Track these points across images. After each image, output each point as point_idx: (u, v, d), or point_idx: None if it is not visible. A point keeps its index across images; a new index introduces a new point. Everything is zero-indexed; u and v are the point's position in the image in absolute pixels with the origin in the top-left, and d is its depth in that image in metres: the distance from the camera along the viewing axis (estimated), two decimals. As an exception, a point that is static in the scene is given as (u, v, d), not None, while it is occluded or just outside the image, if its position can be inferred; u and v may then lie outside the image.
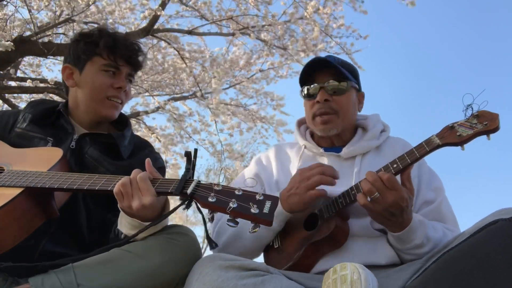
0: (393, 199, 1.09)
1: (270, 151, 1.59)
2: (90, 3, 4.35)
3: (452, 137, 1.12)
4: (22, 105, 5.76)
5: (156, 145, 6.25)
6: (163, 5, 4.72)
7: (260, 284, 0.92)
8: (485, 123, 1.09)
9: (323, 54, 5.47)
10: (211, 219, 0.97)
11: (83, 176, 1.10)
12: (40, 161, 1.18)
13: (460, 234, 1.04)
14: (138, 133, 6.38)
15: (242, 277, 0.92)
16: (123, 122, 1.52)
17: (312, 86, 1.44)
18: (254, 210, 0.89)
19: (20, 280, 1.06)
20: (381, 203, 1.10)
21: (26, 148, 1.29)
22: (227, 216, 1.34)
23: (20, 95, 5.76)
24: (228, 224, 0.91)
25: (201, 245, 1.13)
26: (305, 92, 1.47)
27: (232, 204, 0.90)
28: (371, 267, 1.18)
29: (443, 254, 0.97)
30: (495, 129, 1.09)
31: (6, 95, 5.19)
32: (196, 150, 1.06)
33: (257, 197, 0.93)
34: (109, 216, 1.31)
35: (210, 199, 0.93)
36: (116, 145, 1.37)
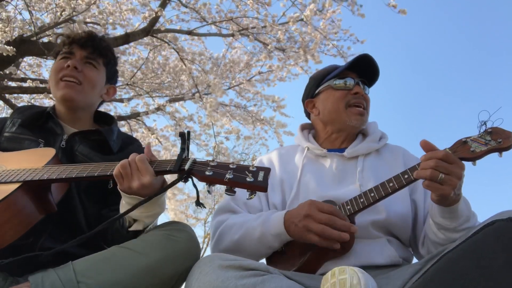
0: (461, 171, 1.07)
1: (272, 154, 1.61)
2: (91, 2, 4.36)
3: (465, 152, 1.14)
4: (22, 106, 5.74)
5: (158, 147, 6.27)
6: (163, 5, 4.73)
7: (260, 284, 0.91)
8: (499, 141, 1.11)
9: (321, 57, 5.54)
10: (209, 192, 1.01)
11: (80, 166, 1.12)
12: (34, 161, 1.19)
13: (460, 236, 1.05)
14: (138, 134, 6.41)
15: (242, 277, 0.92)
16: (108, 120, 1.54)
17: (346, 78, 1.49)
18: (249, 178, 0.96)
19: (20, 279, 1.07)
20: (454, 179, 1.06)
21: (18, 151, 1.29)
22: (227, 225, 1.36)
23: (20, 95, 5.77)
24: (226, 193, 0.97)
25: (201, 245, 1.13)
26: (337, 82, 1.49)
27: (229, 175, 0.96)
28: (372, 267, 1.19)
29: (442, 256, 0.97)
30: (509, 147, 1.10)
31: (7, 95, 5.20)
32: (189, 132, 1.12)
33: (251, 168, 1.00)
34: (104, 211, 1.32)
35: (207, 173, 0.99)
36: (105, 141, 1.39)
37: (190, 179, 1.04)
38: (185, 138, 1.10)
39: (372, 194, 1.22)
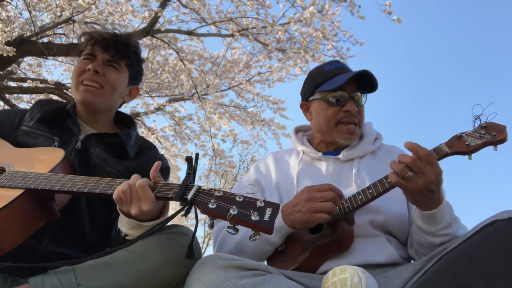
0: (434, 175, 1.08)
1: (268, 158, 1.61)
2: (91, 2, 4.36)
3: (460, 146, 1.15)
4: (23, 106, 5.77)
5: (157, 147, 6.26)
6: (163, 5, 4.73)
7: (260, 284, 0.92)
8: (493, 134, 1.13)
9: (321, 58, 5.54)
10: (211, 226, 0.96)
11: (84, 179, 1.10)
12: (42, 162, 1.18)
13: (459, 236, 1.05)
14: (137, 134, 6.39)
15: (242, 277, 0.93)
16: (128, 122, 1.52)
17: (340, 92, 1.41)
18: (254, 217, 0.87)
19: (20, 280, 1.06)
20: (420, 180, 1.08)
21: (29, 148, 1.28)
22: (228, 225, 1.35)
23: (20, 95, 5.77)
24: (228, 231, 0.89)
25: (201, 245, 1.13)
26: (329, 97, 1.43)
27: (233, 211, 0.89)
28: (372, 266, 1.19)
29: (442, 256, 0.97)
30: (503, 140, 1.12)
31: (7, 95, 5.20)
32: (197, 155, 1.06)
33: (258, 204, 0.91)
34: (113, 215, 1.30)
35: (210, 205, 0.91)
36: (122, 145, 1.37)
37: (193, 209, 0.97)
38: (192, 162, 1.04)
39: (370, 191, 1.22)
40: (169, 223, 1.16)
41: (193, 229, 1.06)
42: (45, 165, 1.16)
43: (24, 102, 5.87)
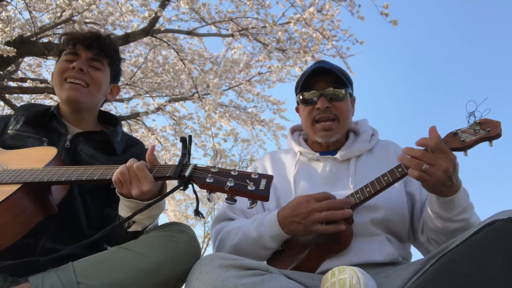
0: (450, 163, 1.08)
1: (264, 159, 1.61)
2: (91, 2, 4.36)
3: (456, 142, 1.16)
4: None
5: (157, 147, 6.27)
6: (163, 5, 4.73)
7: (260, 283, 0.92)
8: (488, 130, 1.14)
9: (320, 58, 5.54)
10: (210, 200, 1.00)
11: (81, 169, 1.12)
12: (35, 160, 1.19)
13: (459, 236, 1.05)
14: (138, 134, 6.41)
15: (242, 276, 0.93)
16: (112, 120, 1.54)
17: (311, 92, 1.46)
18: (250, 187, 0.94)
19: (20, 279, 1.07)
20: (438, 171, 1.08)
21: (20, 149, 1.29)
22: (226, 231, 1.36)
23: (20, 95, 5.77)
24: (227, 202, 0.95)
25: (201, 245, 1.13)
26: (303, 97, 1.48)
27: (230, 183, 0.94)
28: (371, 265, 1.19)
29: (442, 255, 0.97)
30: (498, 135, 1.13)
31: (7, 95, 5.20)
32: (190, 137, 1.11)
33: (252, 176, 0.97)
34: (107, 210, 1.32)
35: (208, 180, 0.97)
36: (109, 142, 1.39)
37: (190, 186, 1.02)
38: (186, 143, 1.08)
39: (368, 189, 1.23)
40: (168, 221, 1.18)
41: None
42: (39, 162, 1.17)
43: (24, 102, 5.87)
